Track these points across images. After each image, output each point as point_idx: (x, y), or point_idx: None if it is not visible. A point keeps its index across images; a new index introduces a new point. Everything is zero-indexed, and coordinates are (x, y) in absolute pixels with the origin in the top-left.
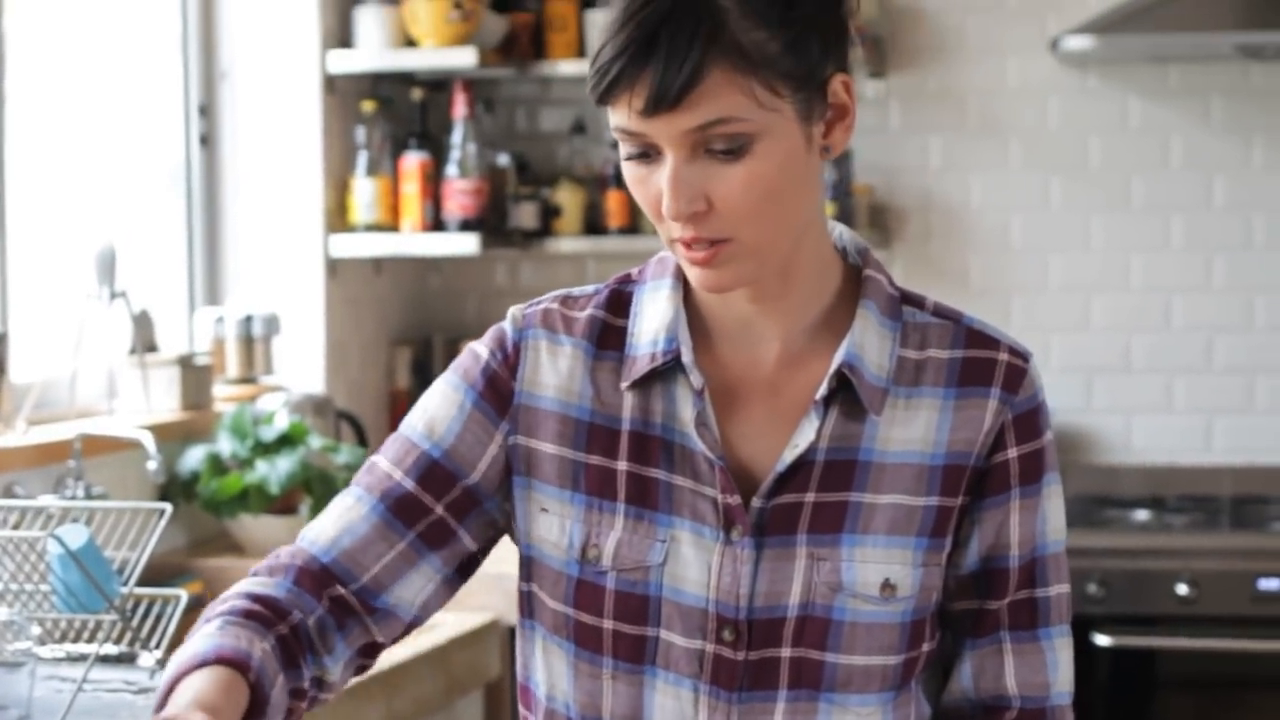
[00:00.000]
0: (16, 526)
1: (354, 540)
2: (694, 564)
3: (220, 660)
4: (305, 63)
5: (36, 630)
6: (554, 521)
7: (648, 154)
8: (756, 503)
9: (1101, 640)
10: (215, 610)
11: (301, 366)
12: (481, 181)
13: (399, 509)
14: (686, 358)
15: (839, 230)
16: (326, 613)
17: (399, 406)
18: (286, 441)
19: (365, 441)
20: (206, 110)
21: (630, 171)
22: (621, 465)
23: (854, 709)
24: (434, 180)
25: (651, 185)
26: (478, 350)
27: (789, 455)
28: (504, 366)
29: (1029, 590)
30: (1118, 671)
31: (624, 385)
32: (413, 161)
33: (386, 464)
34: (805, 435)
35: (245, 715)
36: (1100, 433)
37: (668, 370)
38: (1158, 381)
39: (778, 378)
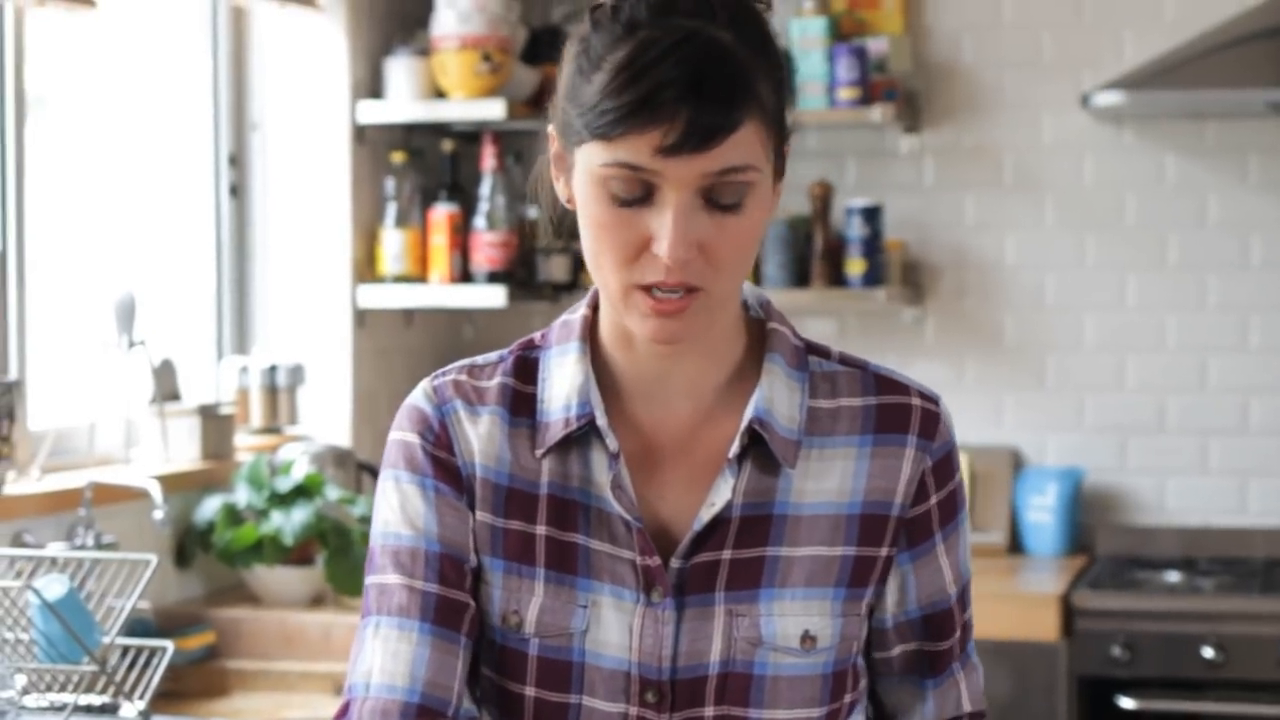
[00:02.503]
0: (32, 576)
1: (426, 667)
2: (615, 627)
3: None
4: (335, 113)
5: (22, 680)
6: (486, 591)
7: (641, 197)
8: (675, 563)
9: (1126, 703)
10: None
11: (329, 417)
12: (510, 234)
13: (440, 617)
14: (601, 421)
15: (744, 287)
16: None
17: None
18: (302, 492)
19: None
20: (236, 160)
21: (610, 214)
22: (540, 530)
23: None
24: (462, 232)
25: (635, 229)
26: (406, 439)
27: (705, 514)
28: (440, 446)
29: (963, 616)
30: None
31: (539, 453)
32: (441, 213)
33: (400, 579)
34: (721, 494)
35: None
36: (1134, 493)
37: (582, 435)
38: (1192, 442)
39: (690, 436)
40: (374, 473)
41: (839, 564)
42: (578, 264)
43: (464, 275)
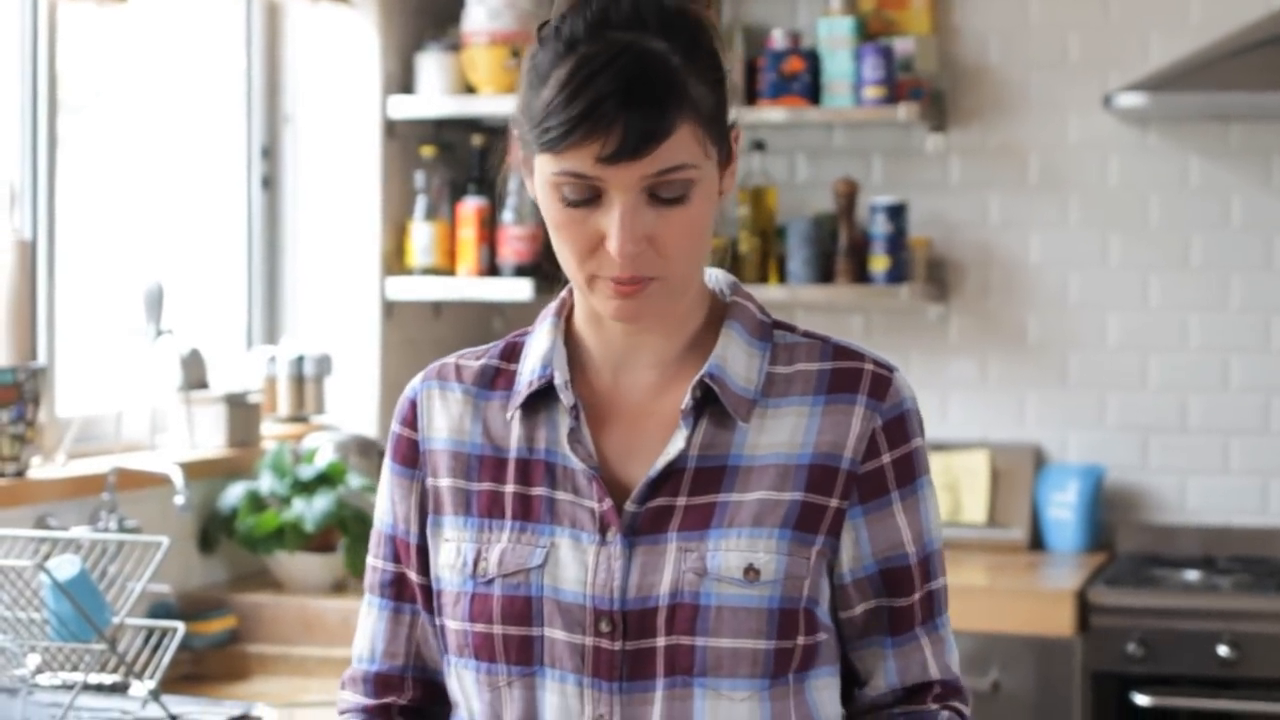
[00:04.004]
0: (47, 557)
1: (382, 639)
2: (572, 564)
3: None
4: (367, 108)
5: (36, 659)
6: (452, 548)
7: (590, 199)
8: (630, 507)
9: (1142, 700)
10: None
11: (356, 406)
12: (537, 228)
13: (393, 592)
14: (558, 379)
15: (712, 273)
16: (407, 706)
17: None
18: (325, 480)
19: None
20: (269, 153)
21: (564, 215)
22: (509, 488)
23: (726, 693)
24: (490, 226)
25: (588, 227)
26: (392, 427)
27: (660, 462)
28: (407, 426)
29: (927, 584)
30: None
31: (509, 415)
32: (470, 207)
33: (371, 559)
34: (676, 445)
35: None
36: (1155, 492)
37: (548, 399)
38: (1214, 442)
39: (652, 400)
40: None
41: (785, 507)
42: None
43: (491, 268)
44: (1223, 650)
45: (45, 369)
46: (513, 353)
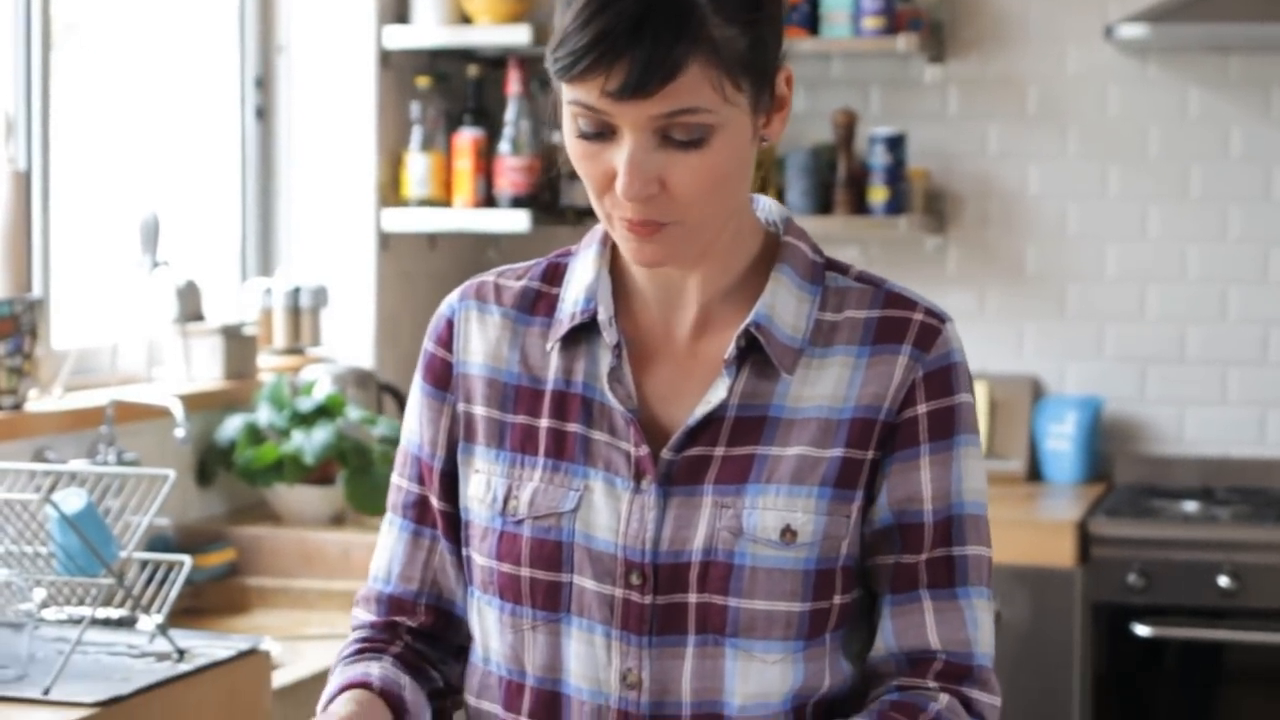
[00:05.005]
0: (52, 491)
1: (399, 561)
2: (605, 511)
3: (346, 687)
4: (362, 38)
5: (41, 593)
6: (482, 480)
7: (602, 133)
8: (666, 455)
9: (1142, 630)
10: (335, 661)
11: (352, 339)
12: (534, 159)
13: (414, 514)
14: (602, 315)
15: (764, 203)
16: (417, 629)
17: None
18: (323, 413)
19: None
20: (263, 83)
21: (580, 146)
22: (543, 423)
23: (759, 655)
24: (486, 157)
25: (602, 162)
26: (424, 344)
27: (700, 411)
28: (441, 346)
29: (946, 548)
30: (1157, 662)
31: (549, 346)
32: (466, 138)
33: (396, 478)
34: (717, 393)
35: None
36: (1153, 422)
37: (590, 331)
38: (1212, 373)
39: (695, 341)
40: (395, 394)
41: (826, 464)
42: None
43: (488, 200)
44: (1223, 581)
45: (41, 301)
46: (555, 274)
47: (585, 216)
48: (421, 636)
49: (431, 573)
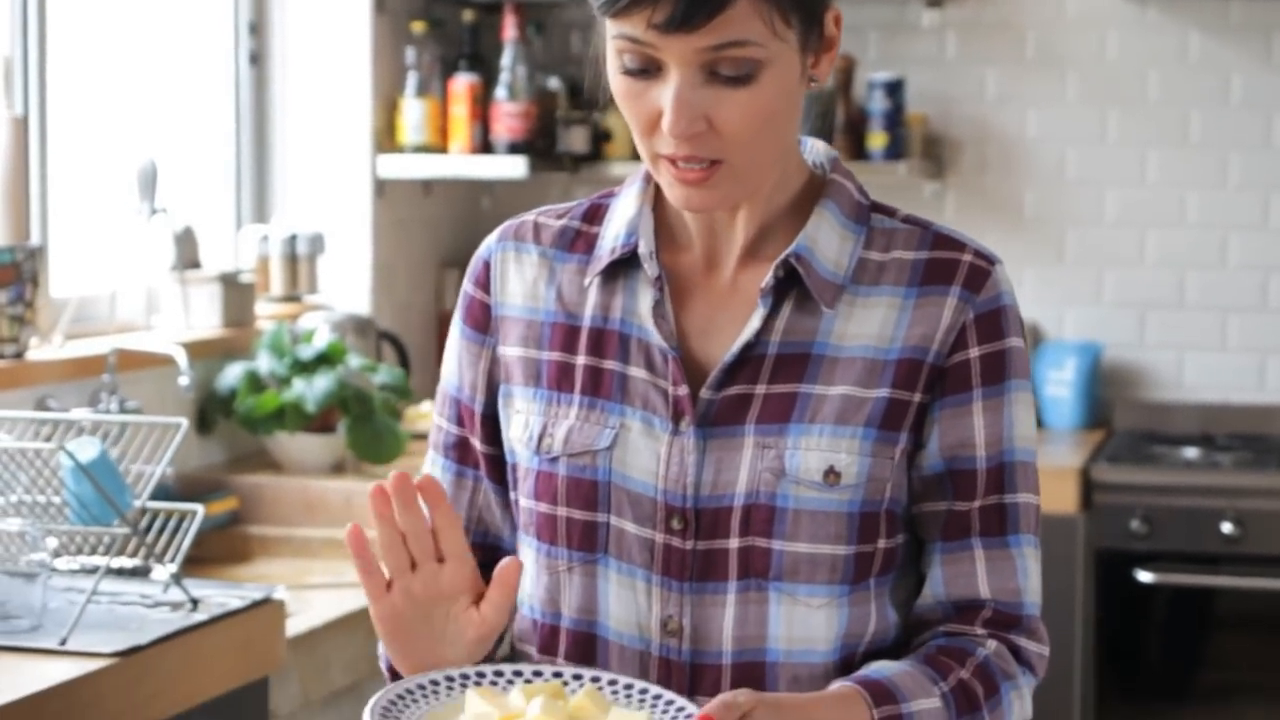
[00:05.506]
0: (39, 438)
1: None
2: (643, 452)
3: None
4: None
5: (53, 542)
6: (521, 420)
7: (648, 69)
8: (705, 394)
9: (1144, 577)
10: None
11: (348, 286)
12: (530, 105)
13: (456, 455)
14: (643, 249)
15: (810, 144)
16: None
17: (446, 329)
18: (325, 360)
19: (406, 362)
20: (257, 28)
21: (624, 85)
22: (580, 360)
23: (803, 599)
24: (483, 103)
25: (648, 101)
26: (463, 285)
27: (737, 344)
28: (479, 288)
29: (998, 496)
30: (1160, 608)
31: (587, 281)
32: (462, 83)
33: (436, 417)
34: (753, 325)
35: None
36: (1152, 369)
37: (629, 267)
38: (1211, 319)
39: (736, 276)
40: (395, 341)
41: (871, 404)
42: (597, 135)
43: (484, 146)
44: (1226, 527)
45: (42, 248)
46: (595, 214)
47: (582, 163)
48: None
49: (477, 511)
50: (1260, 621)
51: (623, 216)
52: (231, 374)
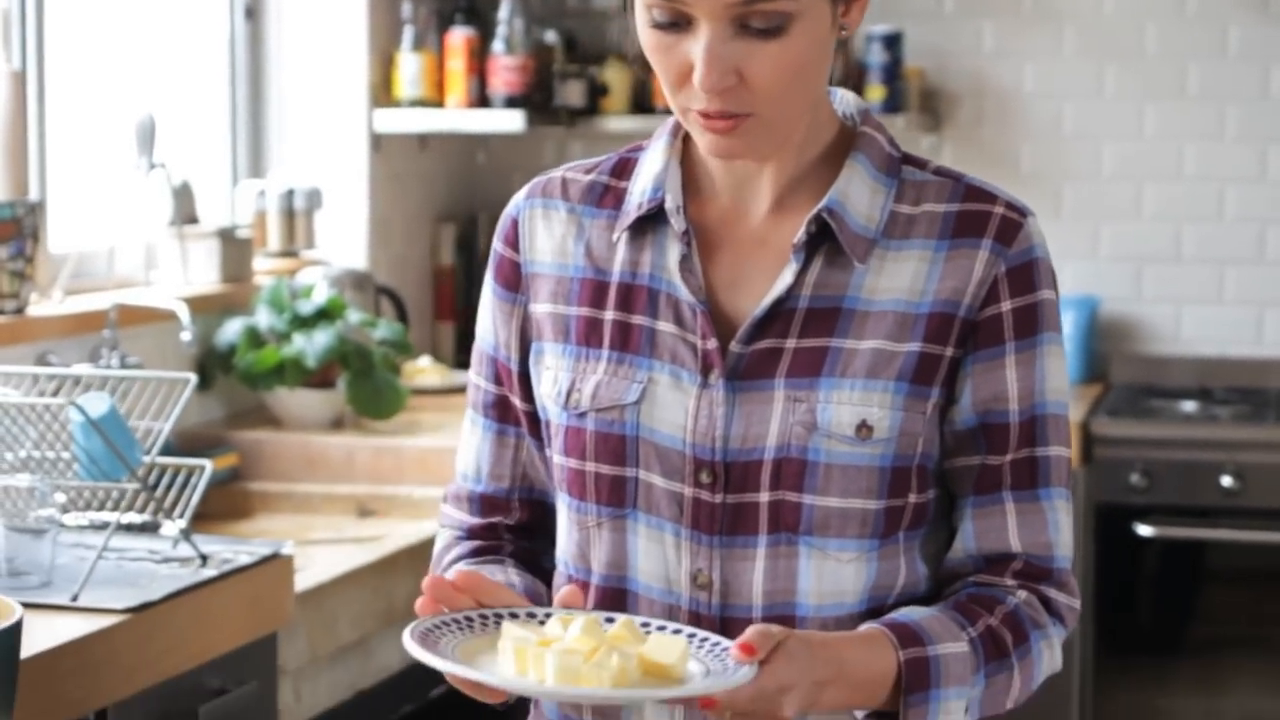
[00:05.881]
0: (43, 394)
1: (488, 460)
2: (671, 406)
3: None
4: None
5: (61, 498)
6: (550, 375)
7: (678, 23)
8: (735, 348)
9: (1144, 530)
10: (447, 563)
11: (344, 241)
12: (528, 58)
13: (496, 413)
14: (670, 203)
15: (840, 94)
16: (515, 526)
17: (443, 283)
18: (324, 316)
19: (405, 317)
20: None
21: (654, 39)
22: (608, 315)
23: (834, 554)
24: (480, 56)
25: (678, 54)
26: (494, 241)
27: (768, 299)
28: (509, 246)
29: (1029, 449)
30: (1160, 562)
31: (615, 237)
32: (458, 37)
33: (474, 376)
34: (784, 280)
35: None
36: (1149, 322)
37: (657, 221)
38: (1209, 272)
39: (766, 230)
40: (393, 296)
41: (902, 359)
42: (594, 89)
43: (481, 100)
44: (1226, 481)
45: (41, 203)
46: (624, 169)
47: (579, 117)
48: (522, 533)
49: (520, 468)
50: (1258, 575)
51: (650, 171)
52: (231, 329)
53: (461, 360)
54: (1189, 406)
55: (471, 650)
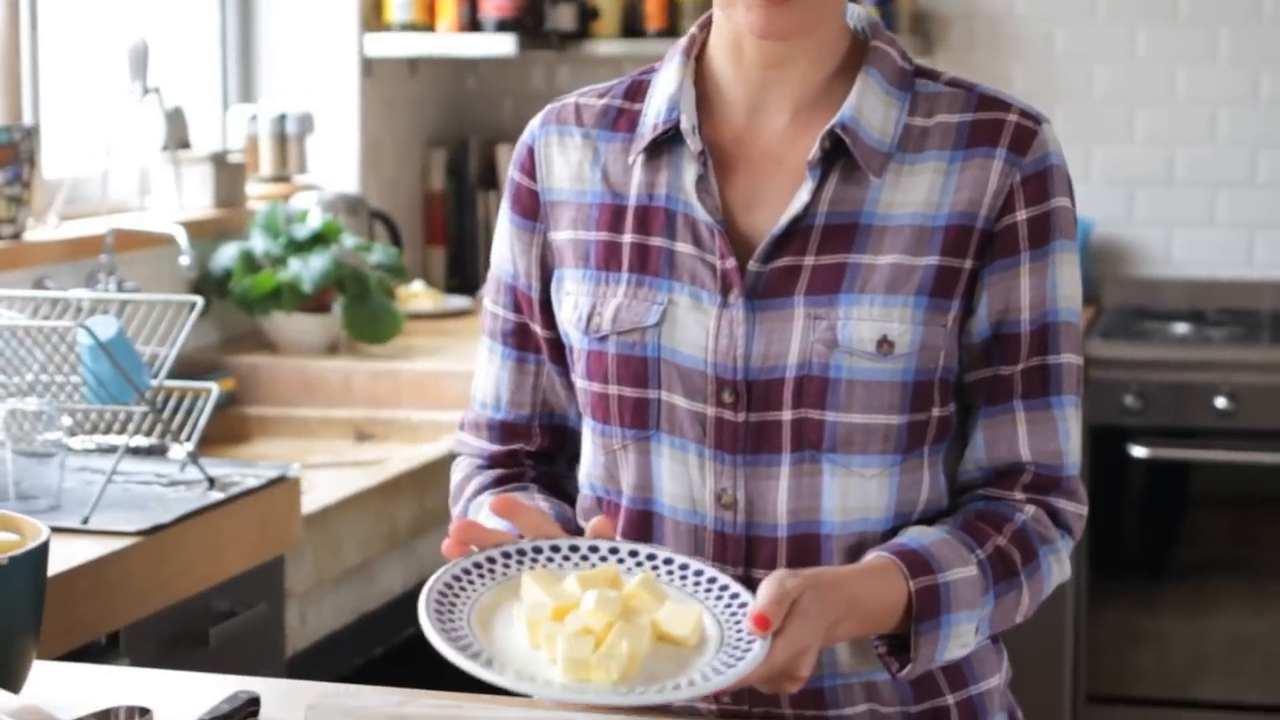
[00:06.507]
0: (47, 318)
1: (507, 387)
2: (691, 327)
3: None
4: None
5: (67, 421)
6: (571, 301)
7: None
8: (753, 266)
9: (1138, 452)
10: (470, 492)
11: (335, 166)
12: None
13: (516, 341)
14: (685, 124)
15: (852, 9)
16: (536, 452)
17: (433, 208)
18: (320, 240)
19: (399, 241)
20: None
21: None
22: (626, 238)
23: (857, 470)
24: None
25: None
26: (509, 171)
27: (785, 217)
28: (525, 175)
29: (1041, 357)
30: (1153, 484)
31: (631, 160)
32: None
33: (490, 304)
34: (801, 198)
35: None
36: (1141, 245)
37: (673, 143)
38: (1200, 195)
39: (781, 147)
40: (387, 221)
41: (921, 272)
42: (585, 12)
43: (472, 24)
44: (1220, 402)
45: (36, 128)
46: (637, 91)
47: (569, 40)
48: (542, 458)
49: (541, 394)
50: (1249, 498)
51: (664, 92)
52: (226, 254)
53: (453, 285)
54: (1181, 329)
55: (488, 609)
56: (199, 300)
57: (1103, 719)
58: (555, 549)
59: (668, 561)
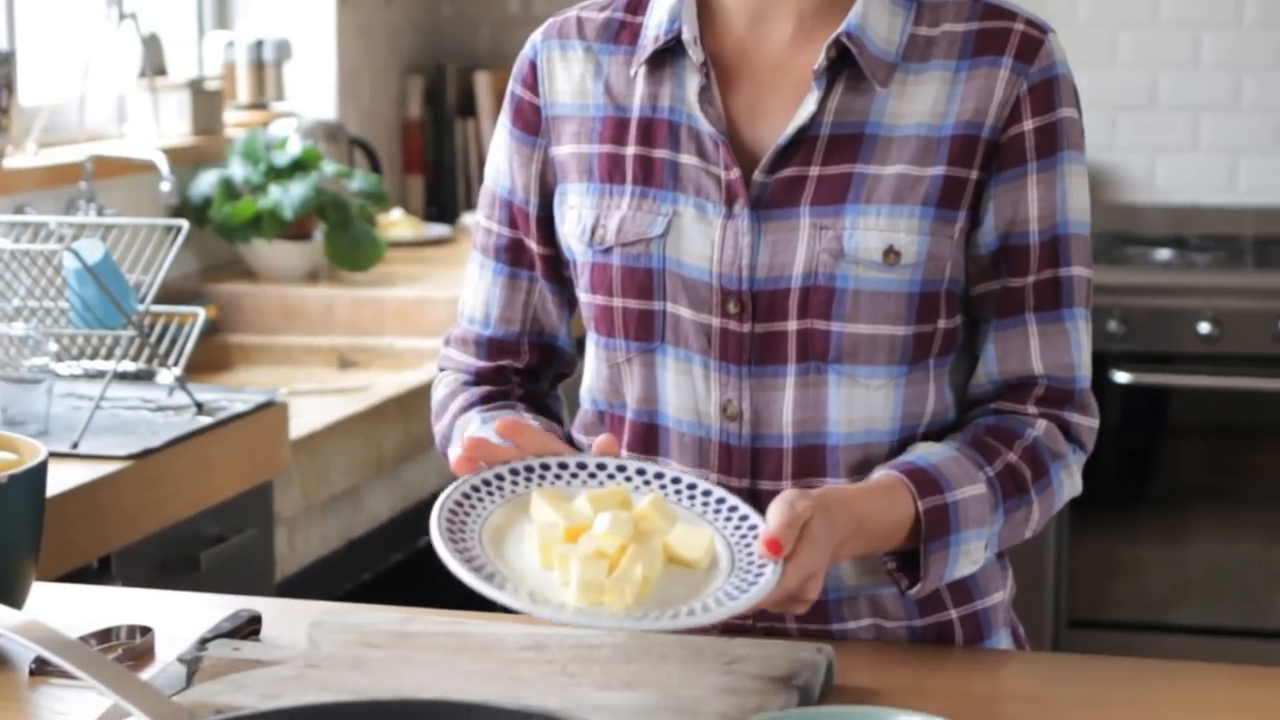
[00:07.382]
0: (31, 244)
1: (498, 304)
2: (697, 238)
3: None
4: None
5: (54, 347)
6: (574, 214)
7: None
8: (758, 177)
9: (1120, 377)
10: (456, 408)
11: (313, 93)
12: None
13: (509, 257)
14: (687, 34)
15: None
16: (523, 369)
17: (411, 135)
18: (300, 167)
19: (378, 168)
20: None
21: None
22: (630, 150)
23: (863, 380)
24: None
25: None
26: (509, 85)
27: (791, 127)
28: (527, 89)
29: (1052, 270)
30: (1135, 410)
31: (633, 72)
32: None
33: (484, 220)
34: (807, 108)
35: None
36: (1123, 170)
37: (675, 54)
38: (1183, 119)
39: (786, 57)
40: (366, 148)
41: (927, 183)
42: None
43: None
44: (1204, 327)
45: (13, 54)
46: (638, 4)
47: None
48: (529, 376)
49: (531, 311)
50: (1228, 426)
51: (665, 4)
52: (205, 181)
53: (431, 213)
54: (1164, 254)
55: (499, 528)
56: (184, 224)
57: (1083, 643)
58: (563, 465)
59: (675, 481)
